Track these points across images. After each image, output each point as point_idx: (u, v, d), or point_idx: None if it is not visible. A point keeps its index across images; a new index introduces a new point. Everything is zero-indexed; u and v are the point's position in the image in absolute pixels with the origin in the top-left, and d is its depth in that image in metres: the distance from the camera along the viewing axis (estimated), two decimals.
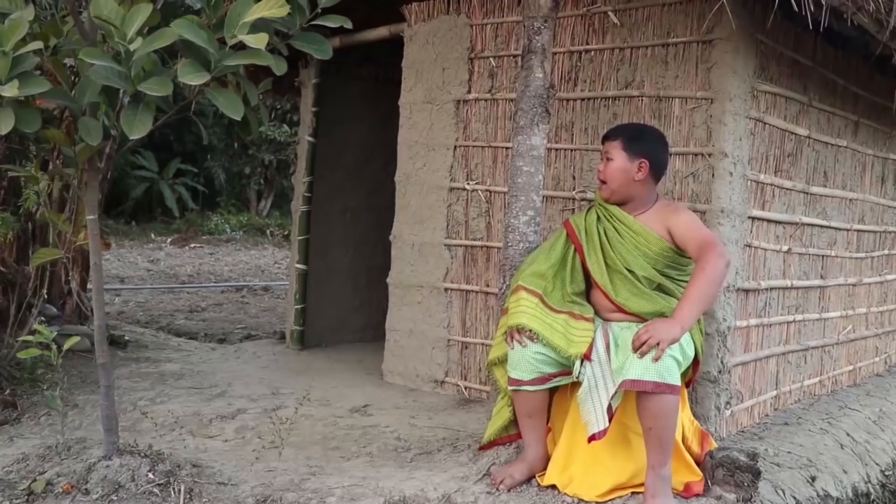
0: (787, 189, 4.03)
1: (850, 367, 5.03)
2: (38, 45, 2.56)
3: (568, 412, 3.04)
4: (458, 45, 4.41)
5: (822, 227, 4.42)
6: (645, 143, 3.16)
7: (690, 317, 2.76)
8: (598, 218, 3.18)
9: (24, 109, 2.57)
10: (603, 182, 3.17)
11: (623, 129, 3.26)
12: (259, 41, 2.46)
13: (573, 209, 3.92)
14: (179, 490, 2.82)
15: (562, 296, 3.08)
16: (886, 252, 5.40)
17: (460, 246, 4.44)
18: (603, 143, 3.22)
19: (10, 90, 2.40)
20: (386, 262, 4.83)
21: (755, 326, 3.89)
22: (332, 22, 2.76)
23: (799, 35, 3.91)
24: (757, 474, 2.88)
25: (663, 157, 3.21)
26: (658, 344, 2.66)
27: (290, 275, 5.93)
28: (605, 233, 3.14)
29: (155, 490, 2.80)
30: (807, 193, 4.22)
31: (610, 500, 2.86)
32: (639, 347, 2.68)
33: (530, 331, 2.95)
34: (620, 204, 3.15)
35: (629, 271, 3.05)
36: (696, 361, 2.99)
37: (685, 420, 3.01)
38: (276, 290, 11.12)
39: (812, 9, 3.09)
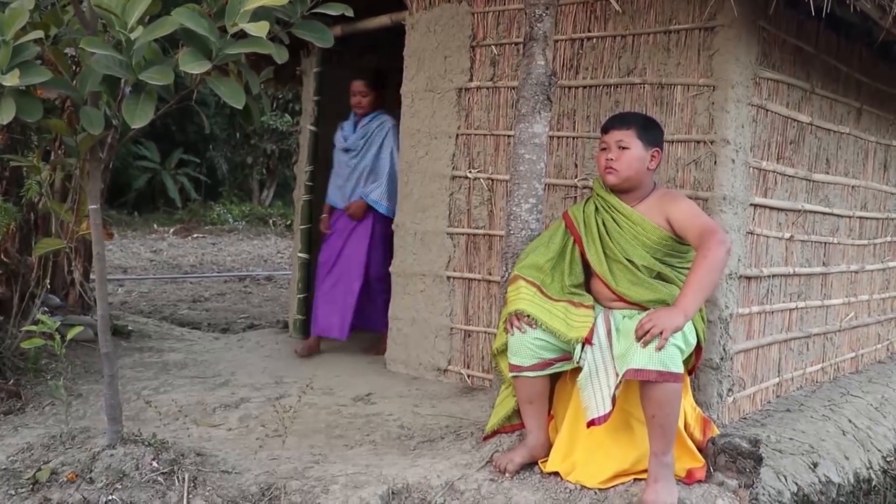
0: (790, 176, 4.02)
1: (853, 354, 5.03)
2: (39, 34, 2.56)
3: (570, 399, 3.04)
4: (460, 33, 4.40)
5: (824, 214, 4.42)
6: (655, 132, 3.17)
7: (693, 305, 2.76)
8: (597, 209, 3.18)
9: (25, 99, 2.58)
10: (615, 170, 3.09)
11: (633, 117, 3.22)
12: (260, 29, 2.45)
13: (575, 197, 3.92)
14: (183, 478, 2.83)
15: (560, 287, 3.08)
16: (889, 239, 5.39)
17: (462, 234, 4.44)
18: (608, 131, 3.15)
19: (12, 79, 2.40)
20: (388, 250, 4.83)
21: (757, 313, 3.90)
22: (333, 10, 2.76)
23: (801, 22, 3.90)
24: (759, 461, 2.89)
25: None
26: (661, 333, 2.66)
27: (293, 264, 5.93)
28: (604, 223, 3.13)
29: (159, 479, 2.81)
30: (809, 180, 4.22)
31: (612, 486, 2.87)
32: (642, 336, 2.69)
33: (528, 316, 2.96)
34: (622, 193, 3.14)
35: (628, 261, 3.05)
36: (698, 349, 2.99)
37: (687, 407, 3.02)
38: (279, 280, 11.14)
39: None
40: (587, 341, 2.90)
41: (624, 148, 3.08)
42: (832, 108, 4.39)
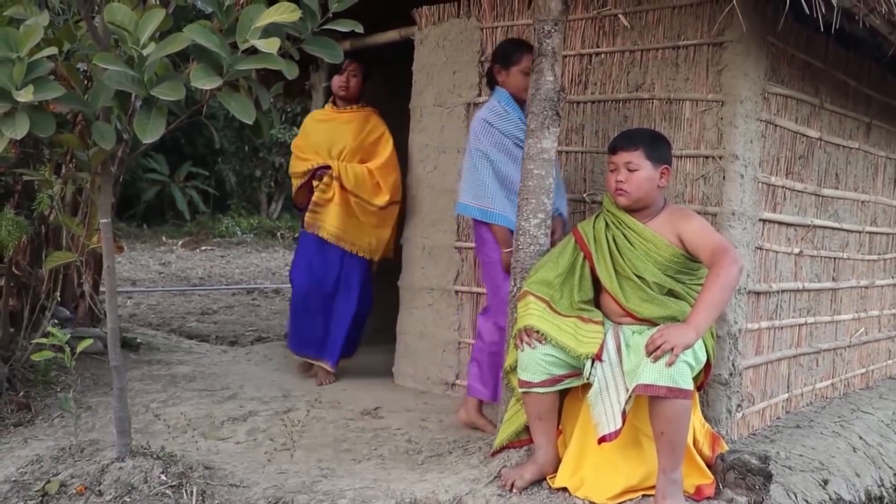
0: (799, 191, 4.02)
1: (863, 370, 5.01)
2: (53, 50, 2.59)
3: (579, 415, 3.04)
4: (469, 48, 4.42)
5: (833, 229, 4.41)
6: (662, 148, 3.15)
7: (705, 322, 2.76)
8: (607, 225, 3.17)
9: (38, 114, 2.60)
10: (625, 192, 3.07)
11: (639, 136, 3.18)
12: (271, 46, 2.47)
13: (584, 212, 3.92)
14: (192, 492, 2.83)
15: (570, 304, 3.08)
16: None
17: (471, 248, 4.44)
18: (616, 152, 3.12)
19: (26, 95, 2.42)
20: (397, 264, 4.84)
21: (766, 329, 3.89)
22: (343, 27, 2.78)
23: (810, 37, 3.90)
24: (768, 477, 2.88)
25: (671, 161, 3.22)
26: (672, 349, 2.66)
27: None
28: (615, 239, 3.12)
29: (167, 492, 2.82)
30: (818, 195, 4.21)
31: (621, 502, 2.86)
32: (653, 352, 2.68)
33: (538, 332, 2.96)
34: (633, 211, 3.13)
35: (639, 278, 3.04)
36: (707, 365, 2.98)
37: (696, 423, 3.01)
38: (287, 293, 11.13)
39: (823, 10, 3.08)
40: (597, 357, 2.90)
41: (633, 170, 3.06)
42: (841, 122, 4.39)
